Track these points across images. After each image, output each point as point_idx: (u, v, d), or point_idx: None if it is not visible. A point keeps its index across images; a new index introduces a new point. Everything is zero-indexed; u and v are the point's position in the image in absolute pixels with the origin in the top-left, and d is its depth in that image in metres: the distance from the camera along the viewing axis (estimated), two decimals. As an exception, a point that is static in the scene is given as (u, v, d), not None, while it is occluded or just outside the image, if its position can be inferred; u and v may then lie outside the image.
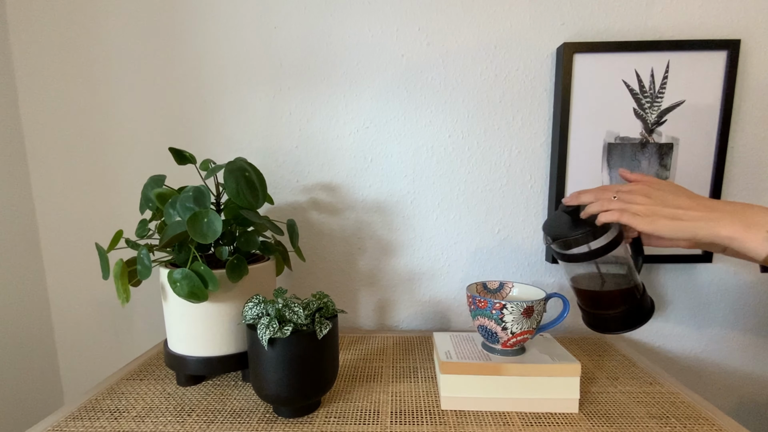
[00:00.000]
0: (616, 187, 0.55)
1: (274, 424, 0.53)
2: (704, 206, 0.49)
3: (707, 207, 0.49)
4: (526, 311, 0.56)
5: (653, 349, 0.85)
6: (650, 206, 0.51)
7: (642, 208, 0.51)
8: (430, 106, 0.79)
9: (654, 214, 0.51)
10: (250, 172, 0.61)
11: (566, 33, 0.76)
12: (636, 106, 0.75)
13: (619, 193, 0.54)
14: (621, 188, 0.54)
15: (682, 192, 0.52)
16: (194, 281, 0.55)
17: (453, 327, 0.87)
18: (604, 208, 0.54)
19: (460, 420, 0.54)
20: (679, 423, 0.53)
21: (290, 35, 0.79)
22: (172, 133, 0.82)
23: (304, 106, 0.80)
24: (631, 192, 0.53)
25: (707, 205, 0.50)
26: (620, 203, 0.53)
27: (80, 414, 0.56)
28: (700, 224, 0.49)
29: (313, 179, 0.83)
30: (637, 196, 0.53)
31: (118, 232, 0.62)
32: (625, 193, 0.54)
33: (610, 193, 0.55)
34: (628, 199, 0.53)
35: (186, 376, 0.63)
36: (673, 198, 0.51)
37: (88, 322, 0.89)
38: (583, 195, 0.57)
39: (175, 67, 0.80)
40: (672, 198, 0.51)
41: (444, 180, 0.82)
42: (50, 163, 0.84)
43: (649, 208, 0.51)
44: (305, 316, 0.52)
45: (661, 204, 0.51)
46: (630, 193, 0.53)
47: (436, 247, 0.84)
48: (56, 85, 0.82)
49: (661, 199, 0.51)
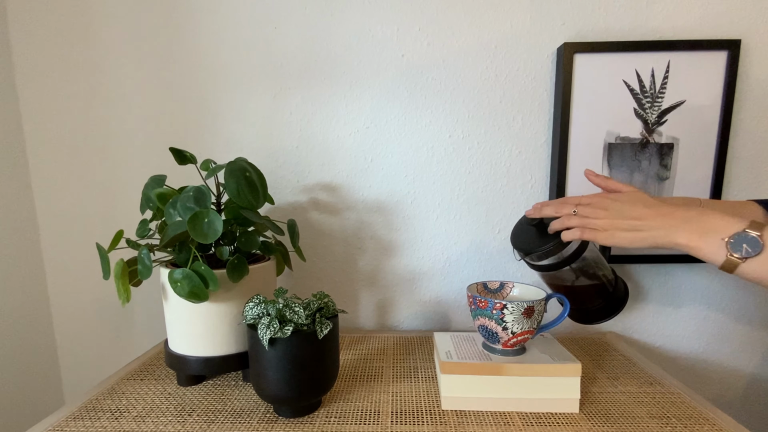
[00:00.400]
0: (576, 199, 0.56)
1: (275, 424, 0.53)
2: (661, 215, 0.50)
3: (664, 215, 0.50)
4: (526, 311, 0.56)
5: (653, 349, 0.85)
6: (608, 220, 0.52)
7: (600, 222, 0.52)
8: (431, 107, 0.79)
9: (612, 228, 0.52)
10: (251, 172, 0.61)
11: (566, 33, 0.76)
12: (636, 106, 0.75)
13: (578, 207, 0.55)
14: (581, 201, 0.55)
15: (640, 201, 0.52)
16: (195, 281, 0.55)
17: (453, 327, 0.87)
18: (565, 225, 0.55)
19: (461, 420, 0.54)
20: (680, 423, 0.53)
21: (291, 35, 0.79)
22: (173, 133, 0.82)
23: (304, 106, 0.81)
24: (589, 205, 0.54)
25: (664, 213, 0.50)
26: (579, 219, 0.54)
27: (81, 414, 0.56)
28: (657, 233, 0.49)
29: (314, 179, 0.83)
30: (596, 209, 0.53)
31: (119, 232, 0.62)
32: (584, 206, 0.54)
33: (569, 207, 0.56)
34: (587, 213, 0.54)
35: (186, 376, 0.63)
36: (630, 209, 0.52)
37: (88, 322, 0.89)
38: (545, 208, 0.58)
39: (175, 67, 0.80)
40: (629, 209, 0.52)
41: (444, 180, 0.82)
42: (51, 163, 0.84)
43: (607, 222, 0.52)
44: (306, 316, 0.52)
45: (618, 216, 0.52)
46: (589, 207, 0.54)
47: (437, 247, 0.84)
48: (57, 85, 0.82)
49: (618, 212, 0.52)
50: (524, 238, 0.62)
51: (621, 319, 0.84)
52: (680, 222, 0.48)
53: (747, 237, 0.45)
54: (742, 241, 0.45)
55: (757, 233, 0.45)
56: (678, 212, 0.49)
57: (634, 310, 0.84)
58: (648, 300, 0.83)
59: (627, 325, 0.84)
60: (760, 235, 0.44)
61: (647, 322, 0.84)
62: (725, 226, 0.46)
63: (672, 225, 0.49)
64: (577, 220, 0.54)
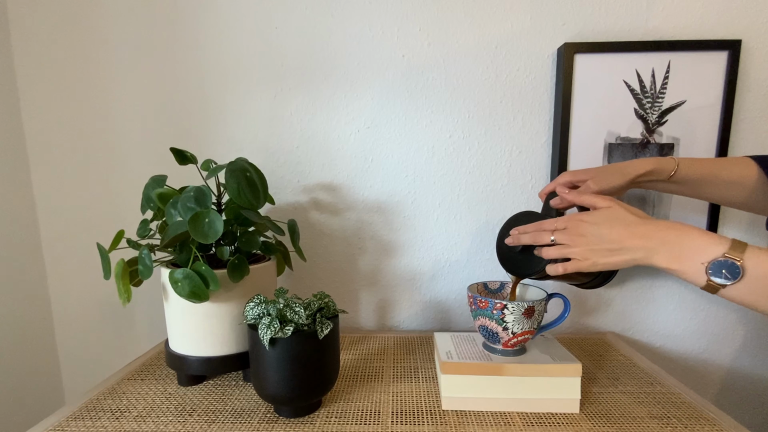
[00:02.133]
0: (551, 224, 0.54)
1: (275, 424, 0.53)
2: (639, 235, 0.48)
3: (642, 236, 0.48)
4: (527, 311, 0.56)
5: (654, 349, 0.85)
6: (587, 248, 0.51)
7: (579, 251, 0.51)
8: (431, 107, 0.80)
9: (593, 256, 0.50)
10: (251, 172, 0.61)
11: (567, 33, 0.76)
12: (637, 107, 0.75)
13: (555, 234, 0.53)
14: (557, 226, 0.54)
15: (618, 220, 0.50)
16: (195, 281, 0.55)
17: (454, 327, 0.87)
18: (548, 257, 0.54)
19: (461, 420, 0.54)
20: (680, 423, 0.53)
21: (291, 35, 0.79)
22: (174, 134, 0.83)
23: (305, 106, 0.81)
24: (566, 231, 0.52)
25: (642, 233, 0.48)
26: (558, 251, 0.53)
27: (81, 414, 0.56)
28: (637, 256, 0.48)
29: (314, 179, 0.83)
30: (573, 237, 0.52)
31: (120, 232, 0.62)
32: (561, 233, 0.53)
33: (547, 234, 0.54)
34: (565, 241, 0.52)
35: (187, 376, 0.63)
36: (608, 232, 0.50)
37: (89, 322, 0.89)
38: (523, 237, 0.57)
39: (176, 67, 0.80)
40: (607, 232, 0.50)
41: (445, 180, 0.82)
42: (52, 163, 0.84)
43: (586, 250, 0.51)
44: (306, 316, 0.52)
45: (597, 242, 0.50)
46: (566, 233, 0.52)
47: (437, 247, 0.84)
48: (58, 85, 0.82)
49: (596, 236, 0.50)
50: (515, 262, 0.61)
51: (621, 319, 0.84)
52: (659, 244, 0.47)
53: (726, 263, 0.43)
54: (721, 267, 0.44)
55: (738, 259, 0.43)
56: (657, 233, 0.48)
57: (634, 310, 0.84)
58: (648, 300, 0.83)
59: (627, 325, 0.84)
60: (740, 261, 0.43)
61: (647, 322, 0.84)
62: (705, 248, 0.45)
63: (650, 247, 0.47)
64: (555, 251, 0.53)
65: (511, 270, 0.62)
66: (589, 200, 0.54)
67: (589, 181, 0.59)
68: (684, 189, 0.63)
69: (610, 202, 0.52)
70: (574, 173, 0.61)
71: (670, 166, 0.60)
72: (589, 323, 0.85)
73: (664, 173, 0.60)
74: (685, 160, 0.61)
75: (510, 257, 0.61)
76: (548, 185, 0.63)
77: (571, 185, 0.61)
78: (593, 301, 0.84)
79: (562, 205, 0.59)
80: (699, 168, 0.61)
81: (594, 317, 0.85)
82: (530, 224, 0.57)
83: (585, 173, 0.60)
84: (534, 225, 0.57)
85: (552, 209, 0.60)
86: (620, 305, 0.84)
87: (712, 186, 0.61)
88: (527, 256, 0.58)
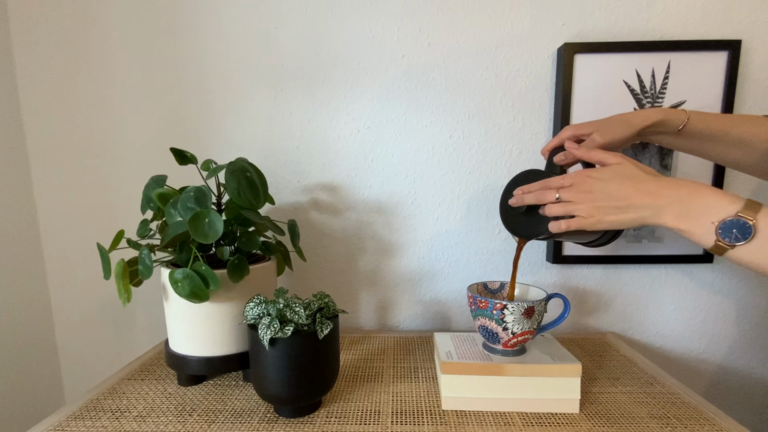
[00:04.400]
0: (557, 182, 0.52)
1: (275, 424, 0.53)
2: (648, 192, 0.46)
3: (651, 193, 0.46)
4: (527, 311, 0.56)
5: (654, 349, 0.85)
6: (593, 204, 0.49)
7: (585, 208, 0.49)
8: (431, 107, 0.80)
9: (598, 213, 0.48)
10: (251, 172, 0.61)
11: (567, 33, 0.76)
12: (637, 107, 0.75)
13: (561, 191, 0.51)
14: (563, 183, 0.51)
15: (626, 176, 0.48)
16: (195, 281, 0.55)
17: (454, 327, 0.87)
18: (551, 214, 0.52)
19: (461, 420, 0.54)
20: (680, 423, 0.53)
21: (291, 35, 0.79)
22: (174, 134, 0.83)
23: (305, 106, 0.81)
24: (572, 187, 0.50)
25: (651, 190, 0.46)
26: (562, 207, 0.50)
27: (81, 414, 0.56)
28: (645, 214, 0.46)
29: (314, 179, 0.83)
30: (579, 193, 0.50)
31: (120, 232, 0.62)
32: (567, 189, 0.50)
33: (552, 192, 0.52)
34: (570, 198, 0.50)
35: (187, 376, 0.63)
36: (615, 188, 0.48)
37: (89, 322, 0.89)
38: (526, 196, 0.55)
39: (176, 67, 0.80)
40: (615, 188, 0.48)
41: (445, 180, 0.82)
42: (51, 163, 0.84)
43: (592, 207, 0.49)
44: (306, 316, 0.52)
45: (604, 198, 0.48)
46: (571, 190, 0.50)
47: (437, 247, 0.84)
48: (58, 85, 0.82)
49: (603, 193, 0.48)
50: (519, 222, 0.58)
51: (621, 319, 0.84)
52: (668, 202, 0.45)
53: (738, 222, 0.41)
54: (732, 227, 0.42)
55: (750, 218, 0.41)
56: (667, 190, 0.46)
57: (635, 310, 0.84)
58: (648, 300, 0.83)
59: (627, 325, 0.84)
60: (753, 221, 0.41)
61: (647, 322, 0.84)
62: (716, 207, 0.43)
63: (659, 204, 0.45)
64: (559, 208, 0.51)
65: (515, 231, 0.59)
66: (598, 156, 0.52)
67: (594, 134, 0.57)
68: (691, 145, 0.60)
69: (620, 158, 0.50)
70: (578, 126, 0.58)
71: (680, 118, 0.57)
72: (589, 323, 0.85)
73: (673, 125, 0.57)
74: (696, 113, 0.58)
75: (514, 218, 0.59)
76: (552, 140, 0.60)
77: (576, 139, 0.58)
78: (593, 301, 0.84)
79: (567, 161, 0.56)
80: (710, 122, 0.58)
81: (594, 317, 0.85)
82: (535, 183, 0.55)
83: (589, 126, 0.58)
84: (539, 183, 0.54)
85: (556, 166, 0.58)
86: (620, 305, 0.84)
87: (722, 143, 0.58)
88: (532, 217, 0.56)
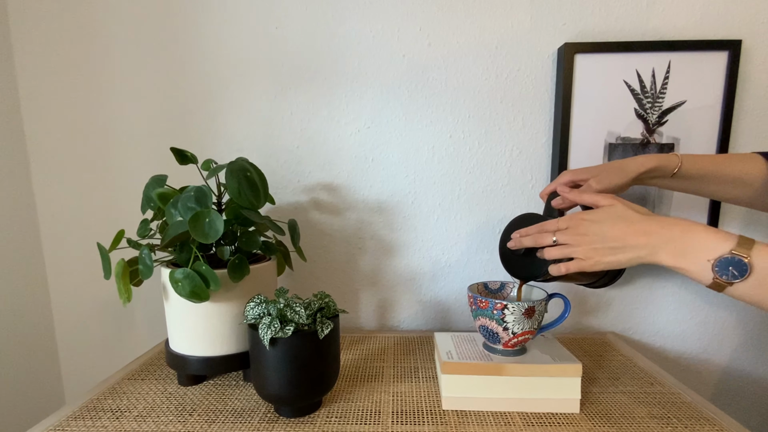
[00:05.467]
0: (553, 225, 0.53)
1: (276, 423, 0.53)
2: (643, 233, 0.47)
3: (645, 233, 0.47)
4: (527, 311, 0.56)
5: (654, 349, 0.85)
6: (589, 247, 0.50)
7: (582, 250, 0.50)
8: (431, 107, 0.80)
9: (596, 255, 0.49)
10: (252, 172, 0.61)
11: (567, 33, 0.76)
12: (637, 107, 0.75)
13: (558, 234, 0.52)
14: (558, 226, 0.53)
15: (620, 217, 0.49)
16: (196, 281, 0.55)
17: (454, 327, 0.87)
18: (549, 257, 0.53)
19: (462, 420, 0.54)
20: (680, 423, 0.53)
21: (292, 35, 0.79)
22: (174, 133, 0.83)
23: (305, 106, 0.81)
24: (568, 230, 0.52)
25: (645, 230, 0.47)
26: (560, 251, 0.52)
27: (81, 414, 0.56)
28: (641, 253, 0.47)
29: (315, 179, 0.83)
30: (575, 236, 0.51)
31: (120, 231, 0.62)
32: (563, 233, 0.52)
33: (549, 236, 0.53)
34: (567, 241, 0.51)
35: (187, 376, 0.63)
36: (610, 229, 0.49)
37: (89, 322, 0.89)
38: (525, 239, 0.56)
39: (176, 67, 0.80)
40: (609, 230, 0.49)
41: (445, 180, 0.82)
42: (52, 163, 0.84)
43: (589, 250, 0.50)
44: (307, 316, 0.52)
45: (600, 240, 0.49)
46: (567, 233, 0.52)
47: (437, 247, 0.84)
48: (58, 85, 0.82)
49: (598, 235, 0.49)
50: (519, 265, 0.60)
51: (621, 319, 0.84)
52: (663, 241, 0.46)
53: (734, 260, 0.42)
54: (728, 264, 0.42)
55: (744, 255, 0.42)
56: (661, 229, 0.47)
57: (634, 310, 0.84)
58: (648, 300, 0.83)
59: (627, 325, 0.84)
60: (747, 258, 0.42)
61: (647, 322, 0.84)
62: (710, 246, 0.44)
63: (654, 244, 0.46)
64: (557, 251, 0.52)
65: (515, 273, 0.61)
66: (590, 199, 0.54)
67: (590, 180, 0.59)
68: (687, 185, 0.62)
69: (612, 200, 0.51)
70: (575, 172, 0.61)
71: (673, 162, 0.59)
72: (589, 323, 0.85)
73: (667, 170, 0.59)
74: (688, 157, 0.60)
75: (513, 261, 0.61)
76: (549, 185, 0.62)
77: (572, 184, 0.60)
78: (593, 301, 0.84)
79: (564, 205, 0.59)
80: (702, 164, 0.60)
81: (594, 317, 0.85)
82: (532, 226, 0.56)
83: (586, 172, 0.60)
84: (536, 226, 0.56)
85: (554, 210, 0.60)
86: (620, 305, 0.84)
87: (716, 183, 0.60)
88: (531, 259, 0.57)
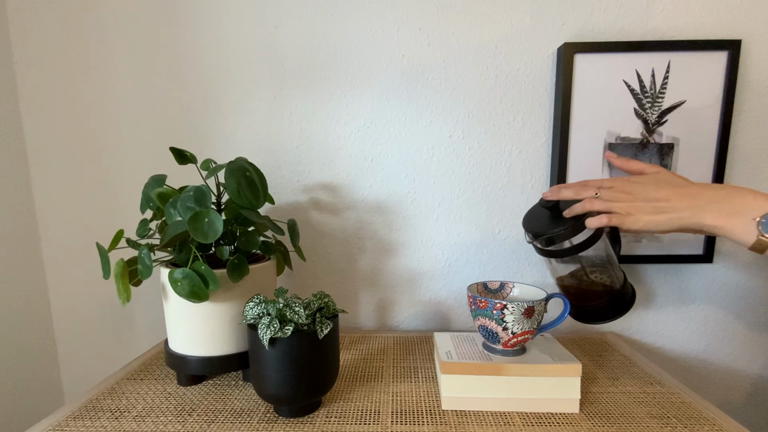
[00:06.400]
0: (597, 182, 0.53)
1: (275, 423, 0.53)
2: (687, 195, 0.47)
3: (690, 195, 0.47)
4: (527, 311, 0.56)
5: (654, 349, 0.85)
6: (632, 203, 0.50)
7: (624, 206, 0.50)
8: (431, 106, 0.79)
9: (637, 212, 0.49)
10: (251, 171, 0.61)
11: (567, 33, 0.76)
12: (637, 106, 0.75)
13: (600, 191, 0.52)
14: (602, 184, 0.53)
15: (665, 181, 0.50)
16: (195, 281, 0.55)
17: (453, 327, 0.87)
18: (587, 209, 0.53)
19: (461, 420, 0.54)
20: (680, 423, 0.53)
21: (291, 35, 0.79)
22: (173, 133, 0.82)
23: (304, 105, 0.81)
24: (612, 188, 0.51)
25: (690, 193, 0.47)
26: (602, 203, 0.51)
27: (81, 413, 0.56)
28: (684, 214, 0.47)
29: (314, 179, 0.83)
30: (619, 193, 0.51)
31: (119, 231, 0.62)
32: (606, 190, 0.52)
33: (591, 190, 0.53)
34: (610, 197, 0.51)
35: (187, 376, 0.63)
36: (654, 190, 0.49)
37: (88, 322, 0.89)
38: (564, 190, 0.56)
39: (176, 66, 0.80)
40: (653, 190, 0.49)
41: (445, 180, 0.82)
42: (51, 163, 0.84)
43: (631, 206, 0.50)
44: (306, 315, 0.52)
45: (642, 199, 0.49)
46: (611, 190, 0.51)
47: (437, 247, 0.84)
48: (57, 84, 0.82)
49: (642, 194, 0.49)
50: (537, 221, 0.59)
51: (621, 319, 0.84)
52: (708, 202, 0.46)
53: None
54: None
55: None
56: (706, 192, 0.47)
57: (635, 309, 0.84)
58: (649, 300, 0.83)
59: (627, 325, 0.84)
60: None
61: (647, 322, 0.84)
62: (756, 205, 0.44)
63: (699, 205, 0.46)
64: (600, 203, 0.51)
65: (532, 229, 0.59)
66: (637, 166, 0.54)
67: None
68: None
69: (658, 168, 0.52)
70: None
71: None
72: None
73: None
74: None
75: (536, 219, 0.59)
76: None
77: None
78: (593, 301, 0.84)
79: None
80: None
81: (594, 317, 0.85)
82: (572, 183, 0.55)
83: None
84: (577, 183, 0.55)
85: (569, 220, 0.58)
86: (620, 305, 0.84)
87: None
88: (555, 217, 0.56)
